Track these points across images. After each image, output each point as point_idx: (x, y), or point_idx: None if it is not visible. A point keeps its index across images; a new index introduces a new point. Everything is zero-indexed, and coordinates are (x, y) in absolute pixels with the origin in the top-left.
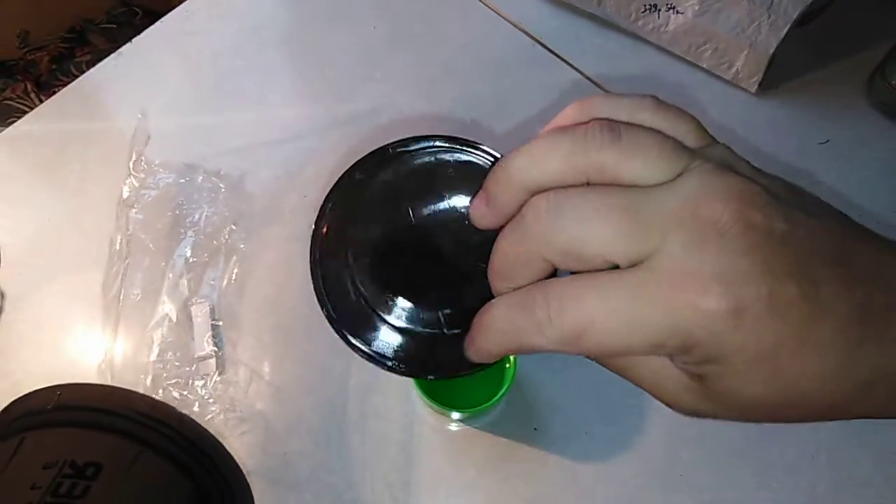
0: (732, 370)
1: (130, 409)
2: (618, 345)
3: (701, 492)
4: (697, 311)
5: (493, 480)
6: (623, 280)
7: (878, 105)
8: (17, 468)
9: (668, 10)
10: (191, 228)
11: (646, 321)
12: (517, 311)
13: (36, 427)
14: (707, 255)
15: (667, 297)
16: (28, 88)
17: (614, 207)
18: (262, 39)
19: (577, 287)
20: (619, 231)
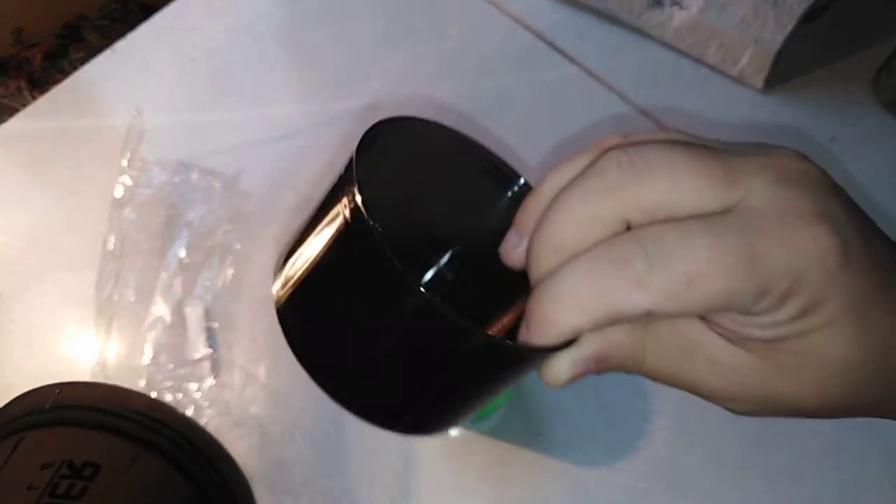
0: (827, 320)
1: (129, 408)
2: (733, 289)
3: (706, 496)
4: (812, 245)
5: (494, 486)
6: (729, 220)
7: (885, 102)
8: (14, 468)
9: (672, 5)
10: (185, 228)
11: (762, 259)
12: (605, 265)
13: (34, 426)
14: (803, 192)
15: (778, 231)
16: (21, 86)
17: (702, 156)
18: (257, 36)
19: (681, 229)
20: (713, 178)
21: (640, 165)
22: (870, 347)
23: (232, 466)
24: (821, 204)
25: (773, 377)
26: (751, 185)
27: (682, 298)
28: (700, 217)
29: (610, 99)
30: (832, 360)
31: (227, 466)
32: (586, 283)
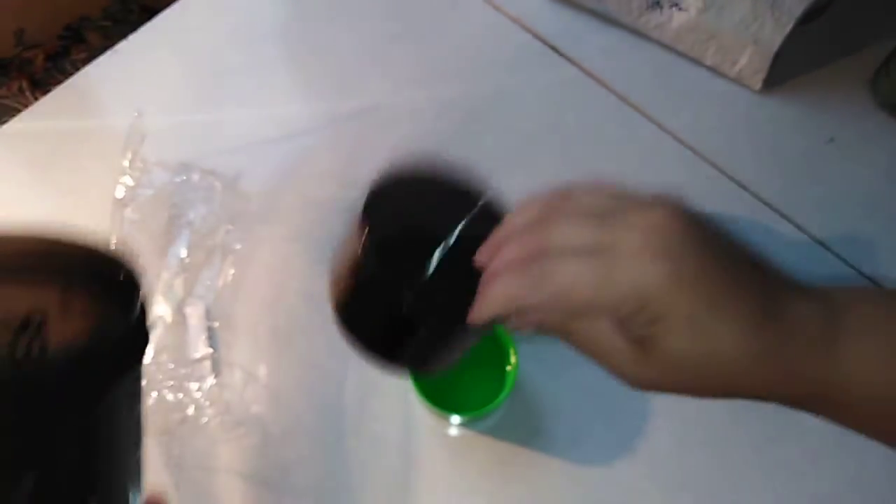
0: (671, 327)
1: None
2: (592, 300)
3: (704, 495)
4: (650, 273)
5: (494, 485)
6: (599, 256)
7: (883, 103)
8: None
9: (671, 6)
10: (186, 228)
11: (616, 282)
12: (518, 278)
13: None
14: (656, 239)
15: (630, 265)
16: (23, 86)
17: (587, 220)
18: (259, 36)
19: (564, 259)
20: (592, 236)
21: (552, 226)
22: (700, 348)
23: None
24: (666, 247)
25: (644, 364)
26: (620, 237)
27: (558, 301)
28: (581, 252)
29: (609, 100)
30: (676, 356)
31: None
32: (504, 288)
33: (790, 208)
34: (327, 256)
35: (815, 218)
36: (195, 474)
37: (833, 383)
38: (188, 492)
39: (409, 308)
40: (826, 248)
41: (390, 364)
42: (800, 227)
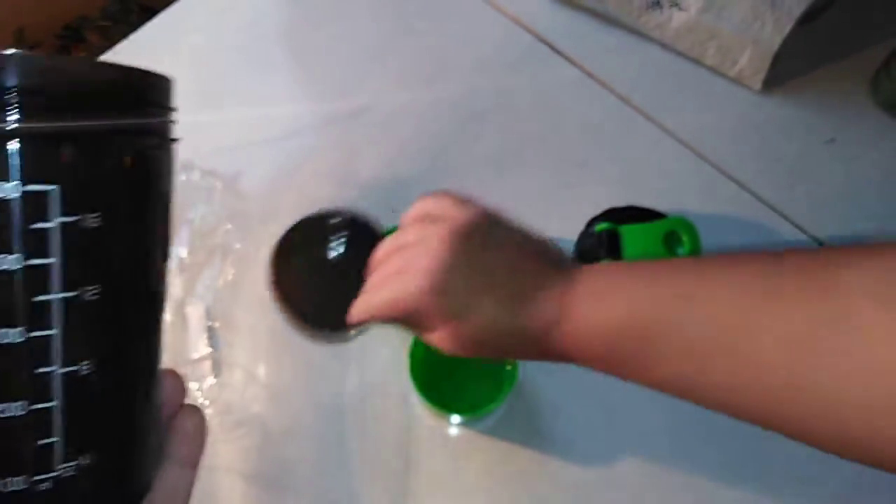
0: (435, 323)
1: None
2: (390, 312)
3: (704, 495)
4: (415, 288)
5: (494, 484)
6: (400, 274)
7: (884, 103)
8: None
9: (671, 6)
10: (186, 228)
11: (392, 299)
12: (364, 296)
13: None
14: (426, 259)
15: (400, 287)
16: None
17: (394, 240)
18: (258, 36)
19: (380, 286)
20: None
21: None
22: (480, 321)
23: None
24: (429, 266)
25: (451, 341)
26: (410, 257)
27: (391, 311)
28: (395, 272)
29: (609, 100)
30: (458, 331)
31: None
32: (360, 301)
33: (790, 208)
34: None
35: (814, 218)
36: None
37: (567, 329)
38: None
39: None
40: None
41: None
42: (799, 227)
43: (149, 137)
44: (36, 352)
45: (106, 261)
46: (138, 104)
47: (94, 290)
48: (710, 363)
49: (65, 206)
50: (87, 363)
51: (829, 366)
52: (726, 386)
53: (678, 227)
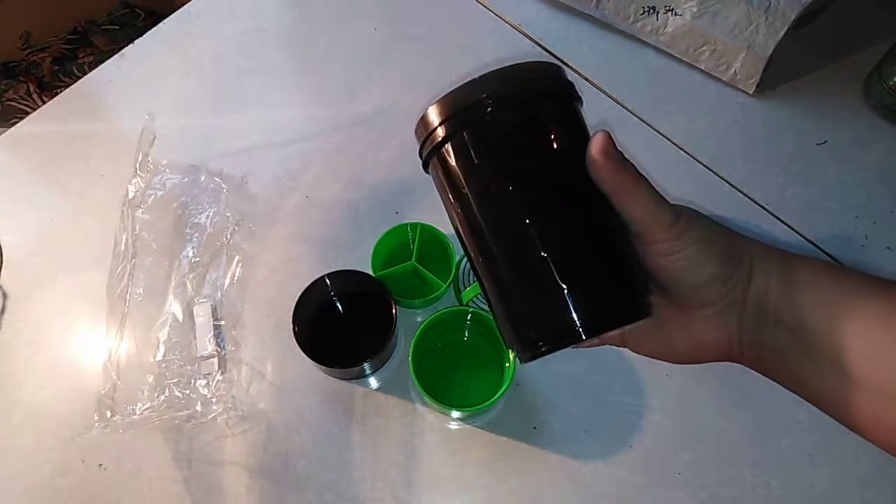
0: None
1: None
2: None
3: (699, 490)
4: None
5: (493, 479)
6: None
7: (876, 106)
8: None
9: (666, 12)
10: (194, 229)
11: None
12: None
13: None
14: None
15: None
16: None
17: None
18: (263, 41)
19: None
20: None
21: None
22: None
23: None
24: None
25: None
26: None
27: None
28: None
29: (605, 103)
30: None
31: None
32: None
33: (783, 209)
34: (331, 256)
35: (807, 219)
36: (203, 468)
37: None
38: (196, 485)
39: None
40: (819, 249)
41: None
42: (792, 227)
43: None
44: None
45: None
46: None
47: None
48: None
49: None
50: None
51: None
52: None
53: None
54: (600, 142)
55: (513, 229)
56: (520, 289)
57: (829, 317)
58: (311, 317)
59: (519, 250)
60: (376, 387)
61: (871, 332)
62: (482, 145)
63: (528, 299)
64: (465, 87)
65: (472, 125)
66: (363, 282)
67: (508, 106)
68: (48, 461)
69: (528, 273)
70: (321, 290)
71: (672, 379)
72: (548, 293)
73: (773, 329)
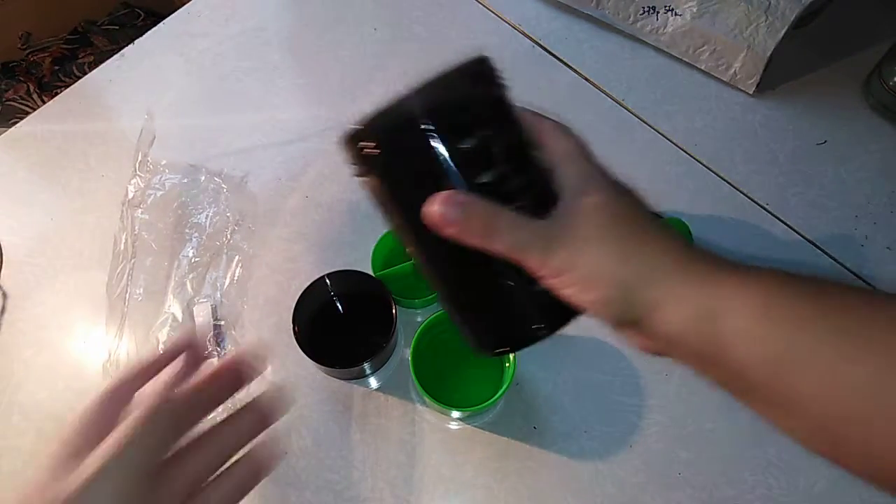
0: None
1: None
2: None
3: (699, 490)
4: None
5: (493, 479)
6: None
7: (876, 106)
8: None
9: (666, 11)
10: (194, 229)
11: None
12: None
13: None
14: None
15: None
16: (30, 89)
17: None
18: (264, 41)
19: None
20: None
21: None
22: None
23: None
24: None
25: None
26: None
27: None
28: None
29: (605, 103)
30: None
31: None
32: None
33: (783, 209)
34: (331, 256)
35: (807, 219)
36: None
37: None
38: None
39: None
40: (819, 249)
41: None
42: (793, 227)
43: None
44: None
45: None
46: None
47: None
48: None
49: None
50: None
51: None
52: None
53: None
54: (436, 210)
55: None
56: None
57: (770, 365)
58: (311, 317)
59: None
60: (376, 387)
61: (822, 376)
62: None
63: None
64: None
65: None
66: (363, 282)
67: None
68: None
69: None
70: (321, 290)
71: (672, 379)
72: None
73: (704, 366)
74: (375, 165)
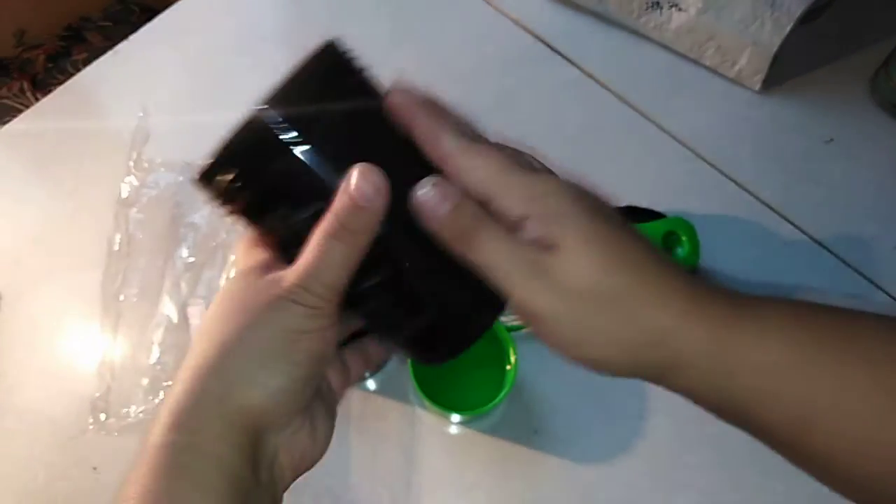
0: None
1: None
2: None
3: (703, 494)
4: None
5: (494, 483)
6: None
7: (883, 103)
8: None
9: (670, 7)
10: (189, 228)
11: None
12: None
13: None
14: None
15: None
16: (24, 87)
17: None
18: (259, 37)
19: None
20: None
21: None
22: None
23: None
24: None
25: (546, 293)
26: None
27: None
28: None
29: (608, 100)
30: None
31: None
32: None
33: (789, 209)
34: None
35: (814, 219)
36: None
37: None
38: None
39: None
40: (825, 249)
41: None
42: (799, 227)
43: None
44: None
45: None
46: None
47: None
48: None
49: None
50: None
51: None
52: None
53: (677, 228)
54: (429, 199)
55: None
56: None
57: (795, 429)
58: None
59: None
60: (374, 389)
61: (849, 429)
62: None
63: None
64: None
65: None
66: None
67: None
68: (41, 465)
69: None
70: None
71: None
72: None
73: (724, 416)
74: (242, 196)
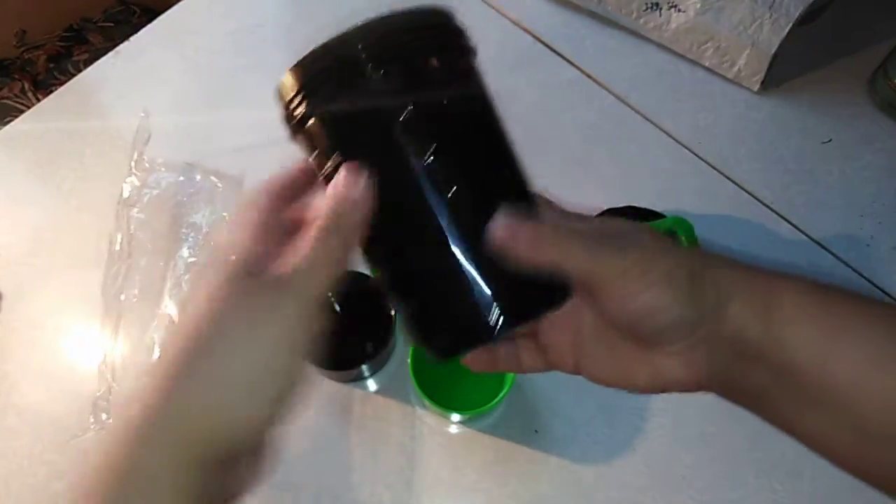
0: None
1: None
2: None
3: (702, 493)
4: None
5: (494, 483)
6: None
7: (881, 104)
8: None
9: (669, 8)
10: (190, 228)
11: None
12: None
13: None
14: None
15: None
16: (25, 87)
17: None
18: (260, 38)
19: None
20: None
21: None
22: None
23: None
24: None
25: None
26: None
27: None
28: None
29: (608, 100)
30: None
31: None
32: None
33: (788, 209)
34: None
35: (812, 218)
36: None
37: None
38: None
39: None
40: (824, 249)
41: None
42: (797, 227)
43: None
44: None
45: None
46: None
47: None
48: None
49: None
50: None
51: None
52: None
53: (676, 227)
54: (501, 231)
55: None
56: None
57: (819, 356)
58: None
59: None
60: (375, 389)
61: (867, 374)
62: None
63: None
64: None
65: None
66: (362, 282)
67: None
68: (43, 464)
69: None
70: None
71: None
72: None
73: (752, 367)
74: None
